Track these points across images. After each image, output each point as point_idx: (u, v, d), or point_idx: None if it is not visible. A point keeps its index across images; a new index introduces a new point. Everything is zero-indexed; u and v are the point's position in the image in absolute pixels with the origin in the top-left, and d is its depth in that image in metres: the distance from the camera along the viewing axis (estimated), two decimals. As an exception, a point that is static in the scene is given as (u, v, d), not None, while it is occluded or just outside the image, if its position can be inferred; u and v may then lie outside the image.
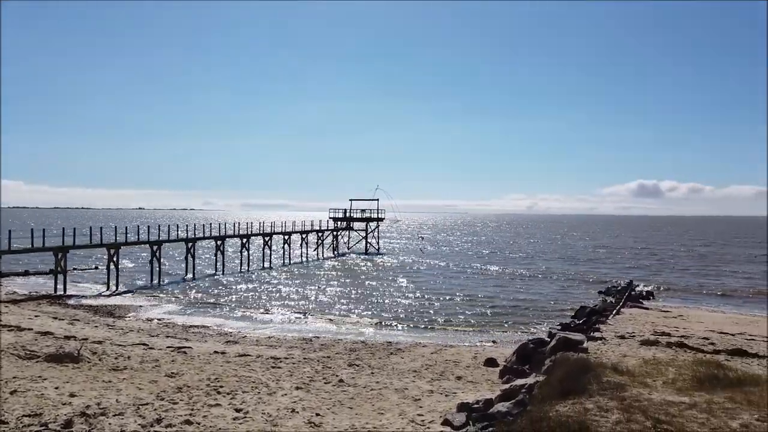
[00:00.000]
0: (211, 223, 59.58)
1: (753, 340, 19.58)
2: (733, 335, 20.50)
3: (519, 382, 12.67)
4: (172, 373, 14.34)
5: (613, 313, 25.36)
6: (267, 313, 29.69)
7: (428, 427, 10.41)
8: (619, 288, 36.50)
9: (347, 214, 70.94)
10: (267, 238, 55.50)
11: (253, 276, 46.06)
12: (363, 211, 70.59)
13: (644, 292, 35.95)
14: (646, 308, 28.90)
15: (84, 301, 31.65)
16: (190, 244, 45.46)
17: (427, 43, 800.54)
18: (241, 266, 50.88)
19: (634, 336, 18.61)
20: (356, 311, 30.77)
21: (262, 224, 57.60)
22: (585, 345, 15.06)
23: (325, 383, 13.93)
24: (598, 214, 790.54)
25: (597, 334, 18.68)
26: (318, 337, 22.71)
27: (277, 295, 36.17)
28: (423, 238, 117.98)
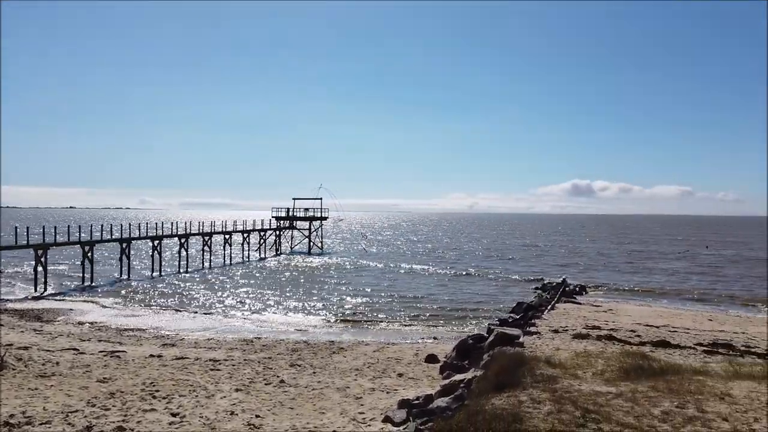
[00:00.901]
0: (147, 223, 57.58)
1: (675, 331, 20.75)
2: (657, 327, 21.64)
3: (458, 377, 12.96)
4: (104, 378, 13.81)
5: (548, 308, 26.22)
6: (206, 315, 29.01)
7: (369, 425, 10.49)
8: (554, 284, 37.80)
9: (290, 214, 70.30)
10: (207, 238, 54.20)
11: (192, 277, 44.87)
12: (306, 210, 70.20)
13: (577, 288, 37.39)
14: (579, 303, 30.08)
15: (9, 305, 29.93)
16: (124, 245, 43.81)
17: (374, 43, 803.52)
18: (179, 267, 49.48)
19: (567, 330, 19.35)
20: (299, 311, 30.55)
21: (201, 224, 56.17)
22: (521, 339, 15.56)
23: (265, 384, 13.79)
24: (536, 213, 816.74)
25: (532, 329, 19.29)
26: (259, 338, 22.41)
27: (217, 296, 35.40)
28: (366, 236, 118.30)
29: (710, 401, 8.12)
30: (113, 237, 45.91)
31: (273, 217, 69.85)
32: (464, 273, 50.70)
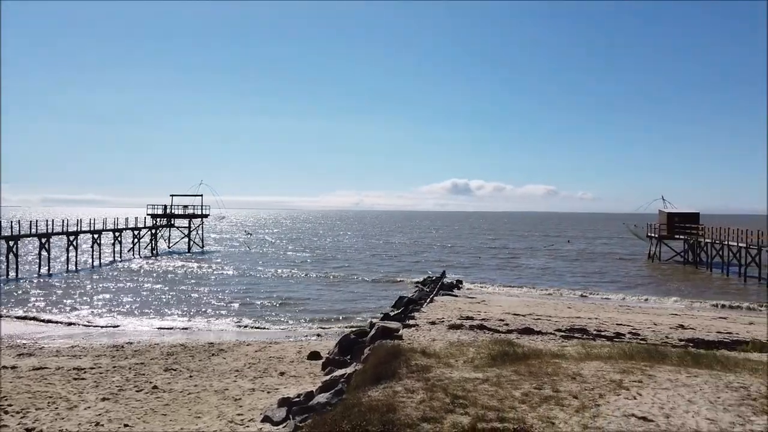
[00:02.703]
0: (1, 221, 51.83)
1: (539, 319, 22.53)
2: (524, 316, 23.38)
3: (339, 372, 13.12)
4: (-56, 396, 12.34)
5: (427, 301, 27.29)
6: (71, 321, 26.79)
7: (248, 426, 10.35)
8: (434, 278, 39.41)
9: (168, 211, 66.80)
10: (72, 238, 49.92)
11: (55, 280, 41.19)
12: (185, 207, 67.09)
13: (455, 282, 39.31)
14: (456, 296, 31.66)
15: None
16: (-29, 246, 39.16)
17: (257, 42, 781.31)
18: (39, 269, 45.17)
19: (443, 321, 20.25)
20: (176, 313, 29.17)
21: (66, 222, 51.64)
22: (401, 332, 16.07)
23: (137, 391, 13.08)
24: (419, 210, 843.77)
25: (412, 322, 19.96)
26: (131, 343, 21.11)
27: (84, 300, 32.78)
28: (250, 234, 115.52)
29: (564, 381, 8.91)
30: (-43, 237, 40.87)
31: (149, 214, 65.96)
32: (348, 272, 51.20)
